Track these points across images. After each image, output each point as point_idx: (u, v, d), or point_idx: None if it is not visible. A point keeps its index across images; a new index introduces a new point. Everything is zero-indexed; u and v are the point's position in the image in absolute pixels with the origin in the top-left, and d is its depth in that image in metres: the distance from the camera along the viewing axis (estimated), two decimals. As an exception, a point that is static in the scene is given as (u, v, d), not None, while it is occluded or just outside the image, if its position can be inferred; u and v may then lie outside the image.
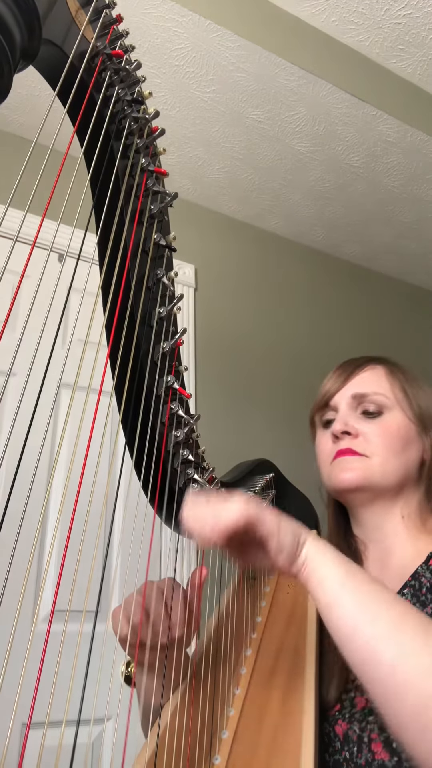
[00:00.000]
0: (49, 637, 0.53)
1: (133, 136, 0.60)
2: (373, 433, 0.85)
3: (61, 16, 0.49)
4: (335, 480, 0.85)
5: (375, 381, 0.89)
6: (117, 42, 0.55)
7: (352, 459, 0.84)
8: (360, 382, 0.89)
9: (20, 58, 0.46)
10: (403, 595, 0.77)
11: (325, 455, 0.89)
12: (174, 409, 0.71)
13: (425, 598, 0.74)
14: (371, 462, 0.83)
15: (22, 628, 1.40)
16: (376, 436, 0.84)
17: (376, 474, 0.83)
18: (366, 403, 0.87)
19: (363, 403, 0.88)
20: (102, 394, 0.59)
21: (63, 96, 0.52)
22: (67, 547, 0.54)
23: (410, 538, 0.84)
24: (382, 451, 0.84)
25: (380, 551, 0.87)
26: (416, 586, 0.76)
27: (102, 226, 0.59)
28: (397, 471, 0.84)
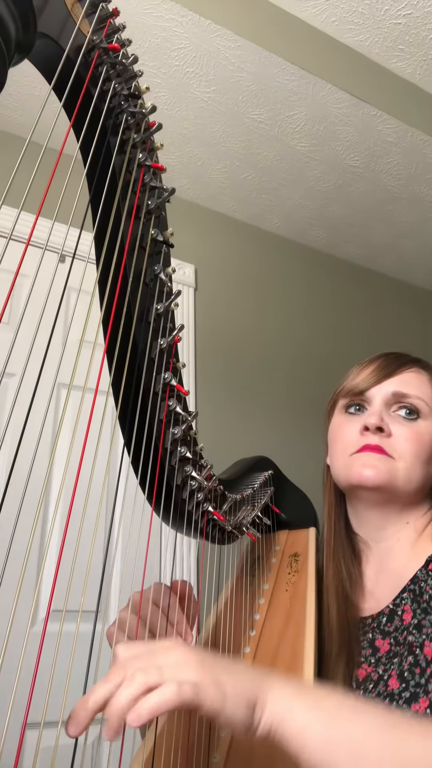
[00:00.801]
0: (46, 637, 0.53)
1: (130, 131, 0.60)
2: (405, 437, 0.82)
3: (56, 9, 0.49)
4: (355, 473, 0.81)
5: (419, 384, 0.86)
6: (114, 36, 0.55)
7: (379, 457, 0.81)
8: (403, 381, 0.86)
9: (15, 51, 0.46)
10: (402, 600, 0.77)
11: (346, 443, 0.85)
12: (172, 406, 0.71)
13: (427, 606, 0.73)
14: (397, 465, 0.80)
15: (20, 627, 1.40)
16: (407, 441, 0.81)
17: (400, 478, 0.80)
18: (404, 404, 0.84)
19: (401, 403, 0.84)
20: (99, 391, 0.59)
21: (59, 90, 0.52)
22: (63, 545, 0.54)
23: (410, 542, 0.83)
24: (409, 457, 0.81)
25: (379, 552, 0.86)
26: (416, 591, 0.76)
27: (99, 221, 0.59)
28: (419, 479, 0.82)
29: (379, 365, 0.89)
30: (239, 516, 0.88)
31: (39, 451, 1.44)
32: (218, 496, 0.81)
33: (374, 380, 0.87)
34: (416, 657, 0.69)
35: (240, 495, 0.89)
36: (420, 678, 0.67)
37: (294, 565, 0.95)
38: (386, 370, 0.87)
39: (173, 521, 0.75)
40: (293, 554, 0.98)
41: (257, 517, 0.96)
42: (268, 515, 1.04)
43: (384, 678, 0.71)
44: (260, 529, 1.03)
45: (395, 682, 0.69)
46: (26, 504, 1.20)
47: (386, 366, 0.88)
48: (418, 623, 0.72)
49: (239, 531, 0.88)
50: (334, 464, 0.88)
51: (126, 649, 0.49)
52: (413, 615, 0.74)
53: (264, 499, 1.00)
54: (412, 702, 0.65)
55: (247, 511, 0.91)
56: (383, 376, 0.87)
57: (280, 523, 1.08)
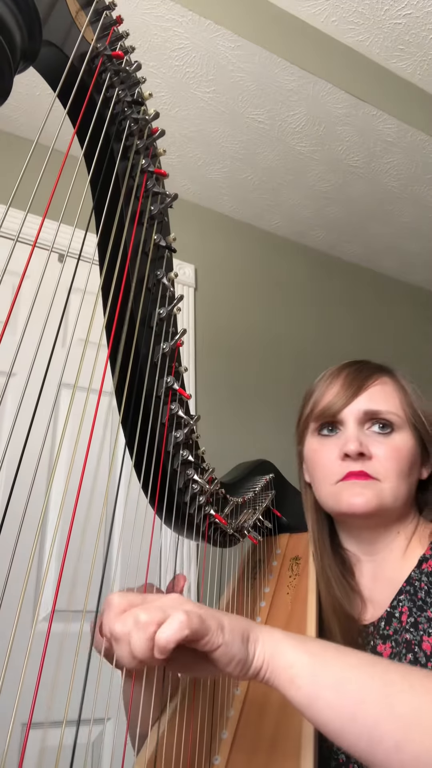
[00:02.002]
0: (49, 637, 0.53)
1: (133, 138, 0.60)
2: (386, 455, 0.81)
3: (61, 18, 0.49)
4: (345, 504, 0.80)
5: (386, 397, 0.85)
6: (117, 43, 0.55)
7: (365, 484, 0.80)
8: (372, 397, 0.84)
9: (20, 59, 0.46)
10: (399, 602, 0.77)
11: (328, 471, 0.83)
12: (174, 410, 0.71)
13: (422, 603, 0.74)
14: (383, 486, 0.80)
15: (22, 628, 1.40)
16: (387, 460, 0.81)
17: (387, 499, 0.80)
18: (378, 420, 0.83)
19: (374, 420, 0.83)
20: (102, 394, 0.59)
21: (63, 97, 0.52)
22: (67, 547, 0.54)
23: (402, 549, 0.83)
24: (393, 475, 0.80)
25: (373, 563, 0.86)
26: (411, 591, 0.76)
27: (102, 227, 0.59)
28: (405, 494, 0.82)
29: (345, 382, 0.87)
30: (241, 519, 0.88)
31: (42, 453, 1.43)
32: (220, 500, 0.82)
33: (343, 401, 0.85)
34: (415, 654, 0.70)
35: (241, 498, 0.89)
36: None
37: (295, 569, 0.95)
38: (353, 387, 0.86)
39: (175, 524, 0.75)
40: (294, 557, 0.98)
41: (258, 521, 0.97)
42: (269, 518, 1.04)
43: None
44: (261, 532, 1.04)
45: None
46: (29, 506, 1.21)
47: (352, 382, 0.86)
48: (415, 621, 0.73)
49: (241, 534, 0.89)
50: (319, 491, 0.86)
51: (121, 596, 0.51)
52: (410, 614, 0.74)
53: (265, 503, 1.00)
54: None
55: (248, 515, 0.92)
56: (351, 395, 0.85)
57: (282, 527, 1.08)
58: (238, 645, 0.50)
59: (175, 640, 0.46)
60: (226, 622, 0.50)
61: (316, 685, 0.50)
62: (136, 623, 0.47)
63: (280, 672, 0.51)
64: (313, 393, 0.91)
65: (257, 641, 0.52)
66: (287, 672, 0.51)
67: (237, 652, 0.50)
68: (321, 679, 0.50)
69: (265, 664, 0.51)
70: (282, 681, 0.51)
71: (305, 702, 0.50)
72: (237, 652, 0.50)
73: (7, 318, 0.36)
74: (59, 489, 1.56)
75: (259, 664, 0.51)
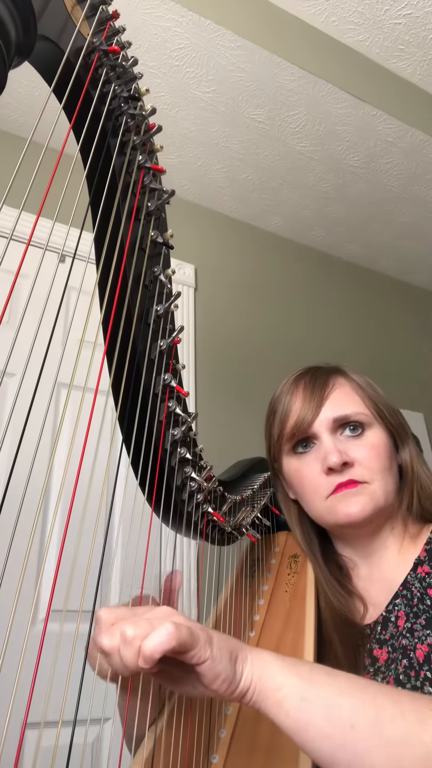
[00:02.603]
0: (46, 637, 0.53)
1: (129, 133, 0.60)
2: (365, 456, 0.81)
3: (56, 12, 0.49)
4: (341, 515, 0.80)
5: (348, 399, 0.85)
6: (113, 38, 0.55)
7: (356, 491, 0.80)
8: (336, 403, 0.84)
9: (15, 53, 0.46)
10: (395, 606, 0.77)
11: (316, 488, 0.83)
12: (171, 408, 0.71)
13: (417, 609, 0.74)
14: (373, 488, 0.80)
15: (20, 628, 1.40)
16: (369, 460, 0.81)
17: (380, 499, 0.80)
18: (348, 423, 0.83)
19: (345, 424, 0.83)
20: (99, 392, 0.59)
21: (59, 92, 0.52)
22: (63, 546, 0.54)
23: (396, 546, 0.83)
24: (378, 474, 0.81)
25: (369, 566, 0.86)
26: (408, 596, 0.76)
27: (99, 223, 0.59)
28: (393, 488, 0.82)
29: (305, 395, 0.86)
30: (239, 517, 0.88)
31: (39, 451, 1.44)
32: (218, 497, 0.82)
33: (310, 414, 0.84)
34: (410, 660, 0.70)
35: (240, 496, 0.89)
36: (415, 681, 0.67)
37: (293, 567, 0.95)
38: (314, 398, 0.85)
39: (173, 522, 0.75)
40: (293, 555, 0.98)
41: (257, 519, 0.96)
42: (267, 516, 1.04)
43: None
44: (260, 530, 1.03)
45: (392, 686, 0.69)
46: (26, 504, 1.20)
47: (312, 393, 0.86)
48: (411, 627, 0.73)
49: (239, 532, 0.89)
50: (311, 508, 0.85)
51: (109, 612, 0.51)
52: (407, 619, 0.74)
53: (264, 500, 1.00)
54: None
55: (246, 513, 0.91)
56: (316, 407, 0.84)
57: (280, 525, 1.08)
58: (225, 662, 0.49)
59: (162, 651, 0.45)
60: (215, 639, 0.50)
61: (306, 709, 0.48)
62: (124, 638, 0.47)
63: (268, 694, 0.50)
64: (276, 411, 0.90)
65: (246, 661, 0.51)
66: (275, 695, 0.49)
67: (223, 669, 0.49)
68: (311, 704, 0.49)
69: (252, 686, 0.50)
70: (270, 704, 0.50)
71: (294, 727, 0.49)
72: (223, 669, 0.49)
73: (0, 316, 0.36)
74: (57, 487, 1.56)
75: (246, 685, 0.50)
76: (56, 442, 1.62)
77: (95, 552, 1.29)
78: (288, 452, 0.87)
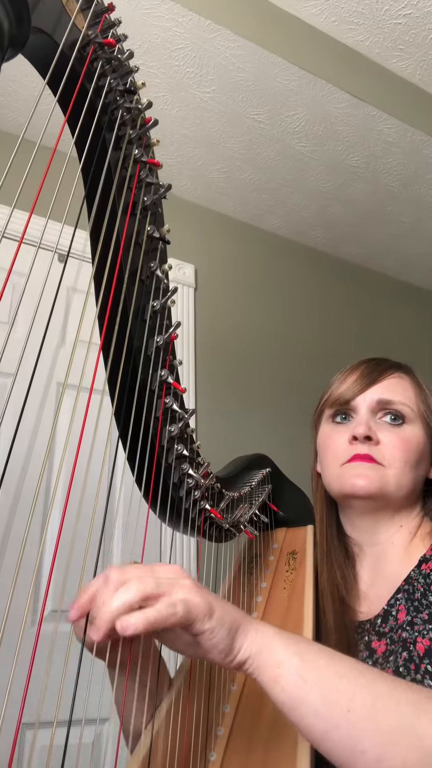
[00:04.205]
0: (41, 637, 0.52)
1: (125, 127, 0.60)
2: (393, 443, 0.83)
3: (51, 4, 0.49)
4: (347, 484, 0.82)
5: (402, 390, 0.86)
6: (109, 31, 0.55)
7: (369, 466, 0.81)
8: (386, 387, 0.86)
9: (9, 46, 0.46)
10: (397, 601, 0.77)
11: (336, 454, 0.85)
12: (168, 404, 0.71)
13: (419, 604, 0.73)
14: (387, 472, 0.81)
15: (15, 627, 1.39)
16: (395, 447, 0.82)
17: (391, 485, 0.81)
18: (389, 410, 0.85)
19: (386, 410, 0.85)
20: (95, 389, 0.59)
21: (53, 86, 0.51)
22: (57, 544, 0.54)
23: (403, 544, 0.84)
24: (399, 463, 0.82)
25: (374, 555, 0.86)
26: (410, 591, 0.76)
27: (94, 217, 0.59)
28: (410, 484, 0.83)
29: (362, 372, 0.89)
30: (237, 514, 0.88)
31: (35, 448, 1.44)
32: (215, 494, 0.81)
33: (358, 389, 0.87)
34: (410, 653, 0.70)
35: (237, 493, 0.89)
36: (415, 674, 0.67)
37: (292, 563, 0.94)
38: (369, 377, 0.88)
39: (170, 519, 0.75)
40: (291, 552, 0.97)
41: (255, 515, 0.96)
42: (265, 513, 1.04)
43: None
44: (258, 526, 1.03)
45: None
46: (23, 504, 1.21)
47: (369, 373, 0.88)
48: (411, 620, 0.73)
49: (237, 529, 0.88)
50: (326, 474, 0.88)
51: (120, 567, 0.52)
52: (407, 613, 0.74)
53: (262, 497, 1.00)
54: None
55: (244, 509, 0.91)
56: (366, 384, 0.87)
57: (278, 521, 1.07)
58: (222, 634, 0.50)
59: (146, 628, 0.46)
60: (217, 611, 0.50)
61: (303, 688, 0.49)
62: (126, 587, 0.48)
63: (266, 669, 0.50)
64: (332, 384, 0.93)
65: (246, 634, 0.51)
66: (274, 671, 0.50)
67: (220, 641, 0.50)
68: (308, 684, 0.49)
69: (250, 659, 0.51)
70: (267, 679, 0.50)
71: (289, 703, 0.49)
72: (220, 641, 0.50)
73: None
74: (54, 484, 1.56)
75: (243, 657, 0.51)
76: (52, 440, 1.61)
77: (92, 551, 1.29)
78: (326, 419, 0.90)
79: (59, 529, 0.54)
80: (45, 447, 1.59)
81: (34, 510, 1.41)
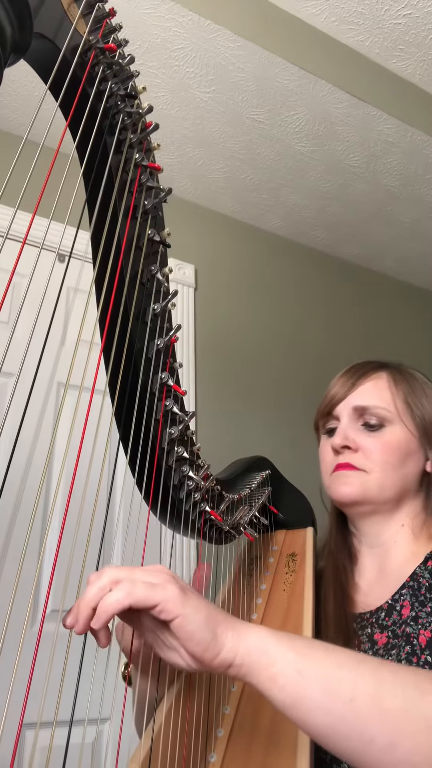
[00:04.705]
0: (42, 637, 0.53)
1: (126, 131, 0.60)
2: (372, 447, 0.84)
3: (52, 9, 0.49)
4: (334, 493, 0.86)
5: (377, 393, 0.88)
6: (110, 36, 0.55)
7: (350, 473, 0.84)
8: (362, 393, 0.88)
9: (11, 51, 0.46)
10: (401, 596, 0.78)
11: (326, 465, 0.90)
12: (168, 406, 0.71)
13: (424, 598, 0.74)
14: (369, 477, 0.83)
15: (17, 627, 1.40)
16: (374, 452, 0.84)
17: (373, 489, 0.83)
18: (367, 416, 0.86)
19: (364, 416, 0.87)
20: (96, 391, 0.59)
21: (55, 90, 0.52)
22: (59, 545, 0.54)
23: (407, 542, 0.84)
24: (380, 467, 0.83)
25: (378, 557, 0.87)
26: (415, 587, 0.77)
27: (95, 221, 0.59)
28: (395, 485, 0.84)
29: (343, 380, 0.92)
30: (237, 516, 0.88)
31: (36, 451, 1.44)
32: (215, 496, 0.82)
33: (338, 397, 0.90)
34: (413, 647, 0.70)
35: (237, 495, 0.89)
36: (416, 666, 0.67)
37: (291, 565, 0.95)
38: (347, 384, 0.90)
39: (170, 521, 0.75)
40: (291, 554, 0.98)
41: (255, 517, 0.96)
42: (265, 515, 1.04)
43: None
44: (258, 528, 1.03)
45: None
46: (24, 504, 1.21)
47: (348, 380, 0.91)
48: (416, 615, 0.73)
49: (237, 531, 0.89)
50: (323, 484, 0.92)
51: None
52: (411, 608, 0.75)
53: (261, 499, 1.00)
54: None
55: (244, 511, 0.91)
56: (345, 392, 0.90)
57: (278, 523, 1.08)
58: (199, 623, 0.48)
59: (110, 612, 0.46)
60: (193, 600, 0.49)
61: (302, 684, 0.47)
62: (98, 579, 0.48)
63: (260, 669, 0.48)
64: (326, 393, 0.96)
65: (229, 631, 0.49)
66: (268, 670, 0.48)
67: (197, 629, 0.48)
68: (308, 678, 0.48)
69: (239, 659, 0.49)
70: (262, 679, 0.48)
71: (289, 702, 0.47)
72: (197, 629, 0.48)
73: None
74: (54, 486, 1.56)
75: (230, 655, 0.49)
76: (53, 441, 1.62)
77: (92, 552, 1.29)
78: (322, 432, 0.94)
79: (61, 530, 0.54)
80: (47, 446, 1.59)
81: (35, 510, 1.41)
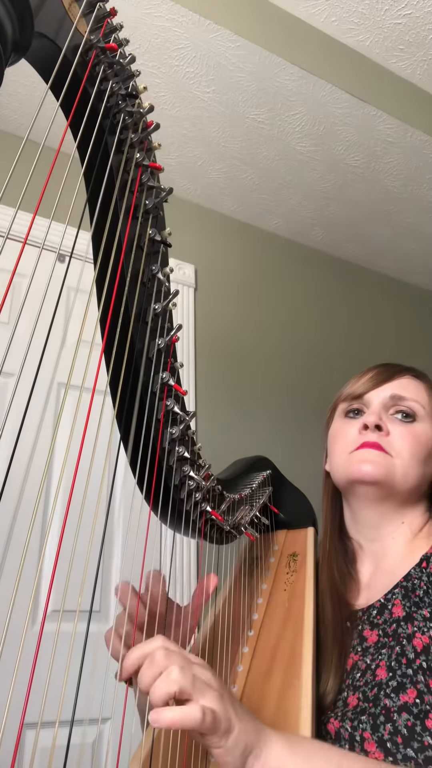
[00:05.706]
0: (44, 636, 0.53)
1: (127, 131, 0.60)
2: (402, 436, 0.85)
3: (53, 9, 0.49)
4: (354, 469, 0.84)
5: (415, 389, 0.89)
6: (111, 35, 0.55)
7: (377, 453, 0.83)
8: (400, 385, 0.89)
9: (12, 51, 0.46)
10: (393, 595, 0.78)
11: (346, 442, 0.88)
12: (169, 406, 0.71)
13: (420, 600, 0.74)
14: (394, 461, 0.83)
15: (18, 627, 1.40)
16: (404, 440, 0.84)
17: (397, 474, 0.83)
18: (401, 406, 0.87)
19: (398, 405, 0.87)
20: (97, 391, 0.59)
21: (56, 90, 0.52)
22: (60, 545, 0.54)
23: (405, 541, 0.85)
24: (406, 455, 0.84)
25: (375, 551, 0.87)
26: (408, 588, 0.77)
27: (96, 221, 0.59)
28: (416, 478, 0.84)
29: (377, 372, 0.92)
30: (237, 516, 0.88)
31: (37, 451, 1.44)
32: (216, 496, 0.82)
33: (372, 384, 0.90)
34: (403, 648, 0.70)
35: (238, 495, 0.89)
36: (407, 669, 0.68)
37: (292, 565, 0.95)
38: (383, 375, 0.91)
39: (171, 521, 0.75)
40: (292, 554, 0.98)
41: (255, 517, 0.96)
42: (266, 515, 1.04)
43: (372, 668, 0.72)
44: (259, 528, 1.03)
45: (383, 672, 0.70)
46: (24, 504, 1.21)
47: (383, 372, 0.92)
48: (407, 615, 0.73)
49: (237, 531, 0.88)
50: (334, 464, 0.90)
51: (165, 640, 0.54)
52: (402, 608, 0.75)
53: (262, 499, 1.00)
54: (400, 692, 0.66)
55: (245, 511, 0.91)
56: (380, 381, 0.90)
57: (279, 523, 1.08)
58: (236, 755, 0.51)
59: (175, 726, 0.48)
60: (236, 730, 0.51)
61: None
62: (168, 672, 0.50)
63: None
64: (346, 386, 0.96)
65: (258, 759, 0.52)
66: None
67: (232, 761, 0.51)
68: None
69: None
70: None
71: None
72: (232, 761, 0.51)
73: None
74: (55, 486, 1.56)
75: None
76: (54, 442, 1.62)
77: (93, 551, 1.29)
78: (339, 414, 0.93)
79: (61, 530, 0.54)
80: (47, 447, 1.59)
81: (36, 510, 1.41)
